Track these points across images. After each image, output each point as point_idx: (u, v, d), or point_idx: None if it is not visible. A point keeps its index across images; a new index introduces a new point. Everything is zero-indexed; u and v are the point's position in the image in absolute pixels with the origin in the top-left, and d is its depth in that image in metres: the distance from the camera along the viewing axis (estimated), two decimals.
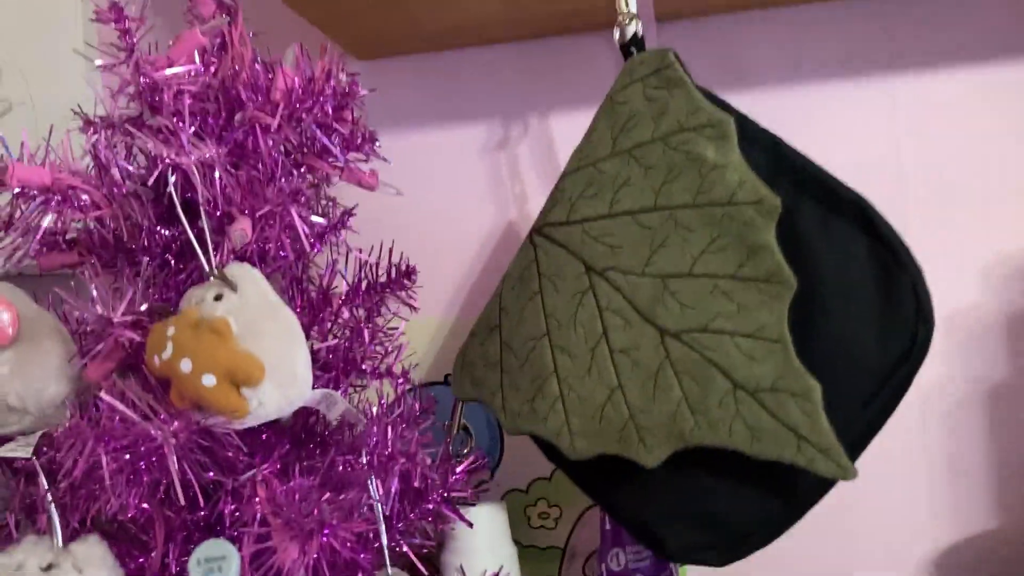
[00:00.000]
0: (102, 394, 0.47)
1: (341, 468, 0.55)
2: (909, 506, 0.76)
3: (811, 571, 0.77)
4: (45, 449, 0.52)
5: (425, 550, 0.64)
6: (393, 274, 0.65)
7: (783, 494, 0.54)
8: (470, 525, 0.65)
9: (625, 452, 0.55)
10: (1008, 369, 0.75)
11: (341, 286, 0.65)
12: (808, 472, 0.52)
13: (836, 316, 0.52)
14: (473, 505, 0.67)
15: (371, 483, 0.53)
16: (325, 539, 0.48)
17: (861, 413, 0.52)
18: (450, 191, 0.83)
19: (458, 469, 0.64)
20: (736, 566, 0.71)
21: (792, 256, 0.52)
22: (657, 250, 0.55)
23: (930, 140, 0.77)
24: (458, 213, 0.83)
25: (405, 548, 0.60)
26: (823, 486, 0.54)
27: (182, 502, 0.48)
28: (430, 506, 0.63)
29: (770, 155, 0.55)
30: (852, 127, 0.77)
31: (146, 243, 0.57)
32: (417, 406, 0.65)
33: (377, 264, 0.65)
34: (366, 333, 0.60)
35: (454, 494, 0.64)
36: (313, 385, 0.53)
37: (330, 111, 0.59)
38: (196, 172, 0.54)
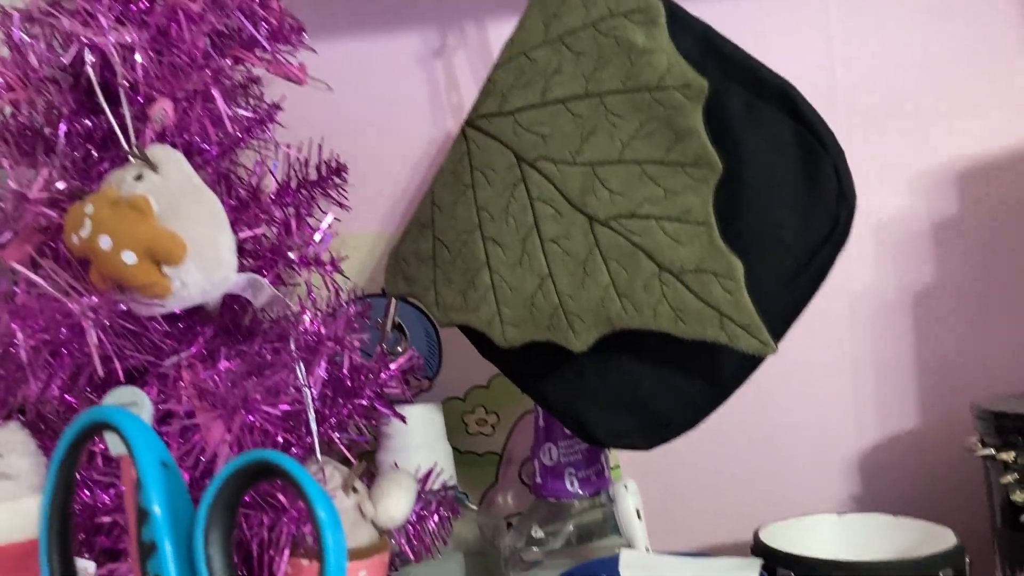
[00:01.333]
0: (16, 265, 0.46)
1: (269, 357, 0.55)
2: (835, 405, 0.78)
3: (737, 471, 0.79)
4: None
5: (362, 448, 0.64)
6: (323, 171, 0.65)
7: (707, 378, 0.55)
8: (403, 420, 0.66)
9: (555, 338, 0.55)
10: (934, 275, 0.77)
11: (270, 184, 0.64)
12: (731, 357, 0.54)
13: (760, 199, 0.53)
14: (408, 403, 0.67)
15: (298, 367, 0.53)
16: (251, 418, 0.48)
17: (785, 293, 0.53)
18: (384, 100, 0.82)
19: (392, 366, 0.64)
20: (664, 465, 0.73)
21: (718, 141, 0.53)
22: (587, 138, 0.55)
23: (863, 56, 0.78)
24: (393, 123, 0.82)
25: (338, 442, 0.61)
26: (745, 369, 0.55)
27: (100, 379, 0.47)
28: (364, 402, 0.63)
29: (699, 41, 0.55)
30: (787, 41, 0.78)
31: (65, 130, 0.55)
32: (352, 309, 0.65)
33: (307, 161, 0.64)
34: (294, 224, 0.60)
35: (388, 391, 0.64)
36: (239, 271, 0.52)
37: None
38: (115, 53, 0.52)
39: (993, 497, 0.64)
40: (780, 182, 0.53)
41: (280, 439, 0.54)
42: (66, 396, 0.52)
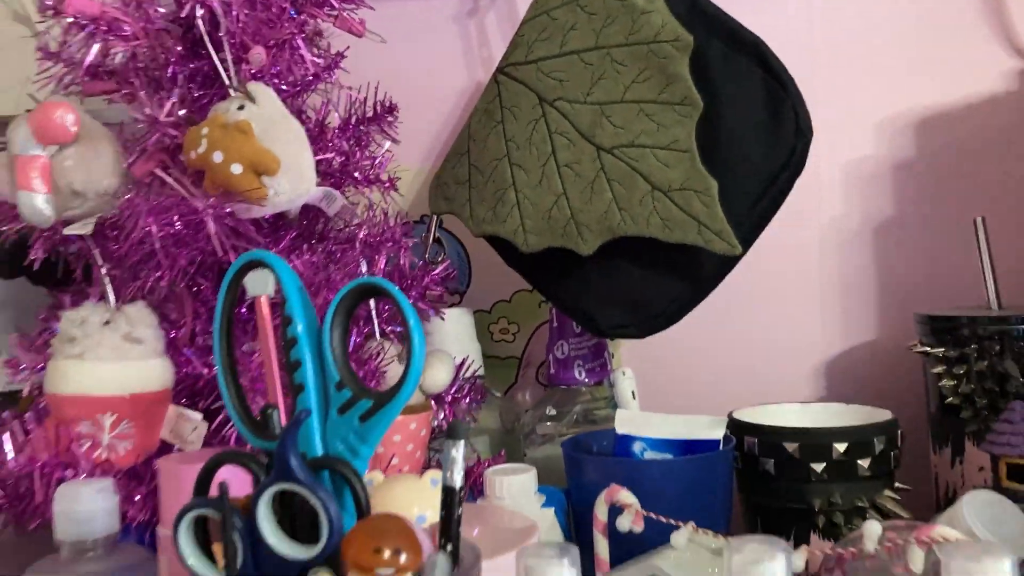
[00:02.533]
0: (156, 170, 0.60)
1: (339, 255, 0.68)
2: (805, 315, 0.91)
3: (719, 365, 0.92)
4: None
5: None
6: (378, 110, 0.78)
7: (689, 279, 0.69)
8: (442, 318, 0.79)
9: (567, 244, 0.69)
10: (894, 208, 0.89)
11: (334, 120, 0.77)
12: (709, 260, 0.67)
13: (733, 132, 0.66)
14: (446, 305, 0.81)
15: (363, 262, 0.66)
16: (330, 296, 0.62)
17: (752, 209, 0.66)
18: (427, 53, 0.95)
19: (433, 272, 0.78)
20: (659, 355, 0.86)
21: (701, 85, 0.65)
22: (596, 82, 0.68)
23: (839, 18, 0.90)
24: (433, 74, 0.95)
25: (390, 332, 0.74)
26: (720, 271, 0.68)
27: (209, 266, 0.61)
28: (410, 300, 0.76)
29: (688, 3, 0.68)
30: (774, 2, 0.90)
31: (176, 71, 0.68)
32: (399, 230, 0.78)
33: (364, 100, 0.77)
34: (357, 153, 0.73)
35: (429, 292, 0.77)
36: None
37: None
38: (220, 9, 0.65)
39: (928, 387, 0.77)
40: (749, 119, 0.66)
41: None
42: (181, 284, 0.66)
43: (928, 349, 0.75)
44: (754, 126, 0.66)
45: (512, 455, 0.84)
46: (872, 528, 0.51)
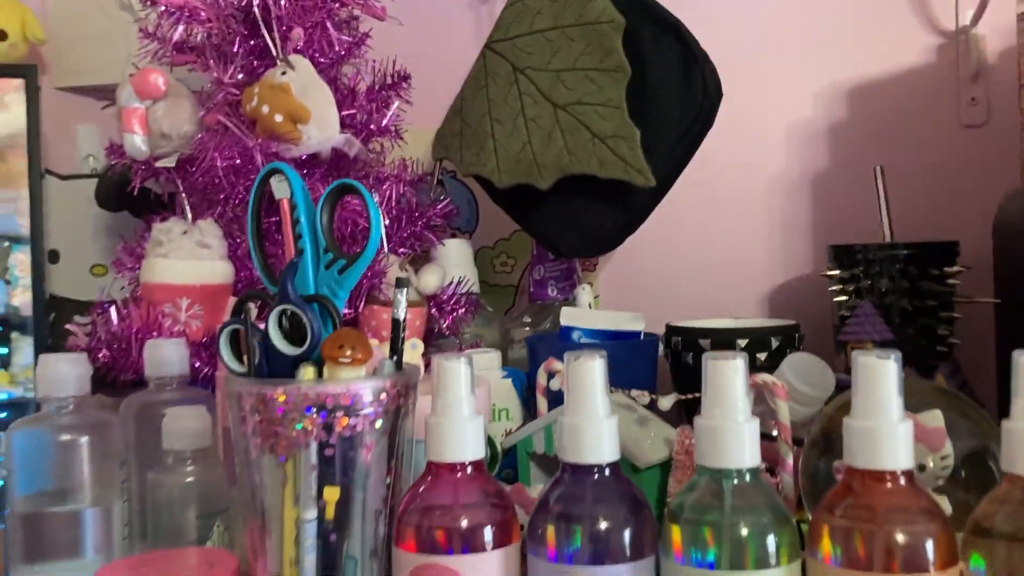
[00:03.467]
0: (222, 118, 0.82)
1: None
2: (751, 252, 1.09)
3: (672, 284, 1.10)
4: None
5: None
6: (395, 78, 0.98)
7: (625, 209, 0.88)
8: (443, 244, 1.00)
9: (530, 180, 0.89)
10: (829, 161, 1.06)
11: (363, 86, 0.98)
12: (639, 194, 0.86)
13: (656, 93, 0.85)
14: (447, 235, 1.02)
15: (373, 192, 0.87)
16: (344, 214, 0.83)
17: (671, 153, 0.85)
18: (440, 33, 1.15)
19: (436, 208, 0.98)
20: (626, 287, 1.05)
21: (633, 56, 0.84)
22: (555, 54, 0.87)
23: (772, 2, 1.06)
24: (446, 50, 1.15)
25: (400, 252, 0.95)
26: (648, 204, 0.87)
27: None
28: (417, 229, 0.97)
29: None
30: None
31: (239, 47, 0.90)
32: (399, 169, 0.98)
33: (384, 71, 0.98)
34: (374, 111, 0.94)
35: (433, 223, 0.98)
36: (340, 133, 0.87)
37: None
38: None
39: (831, 306, 0.94)
40: (668, 82, 0.84)
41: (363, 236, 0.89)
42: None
43: (828, 272, 0.92)
44: (672, 88, 0.84)
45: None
46: None
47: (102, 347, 0.84)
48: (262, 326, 0.59)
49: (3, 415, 0.97)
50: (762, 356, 0.86)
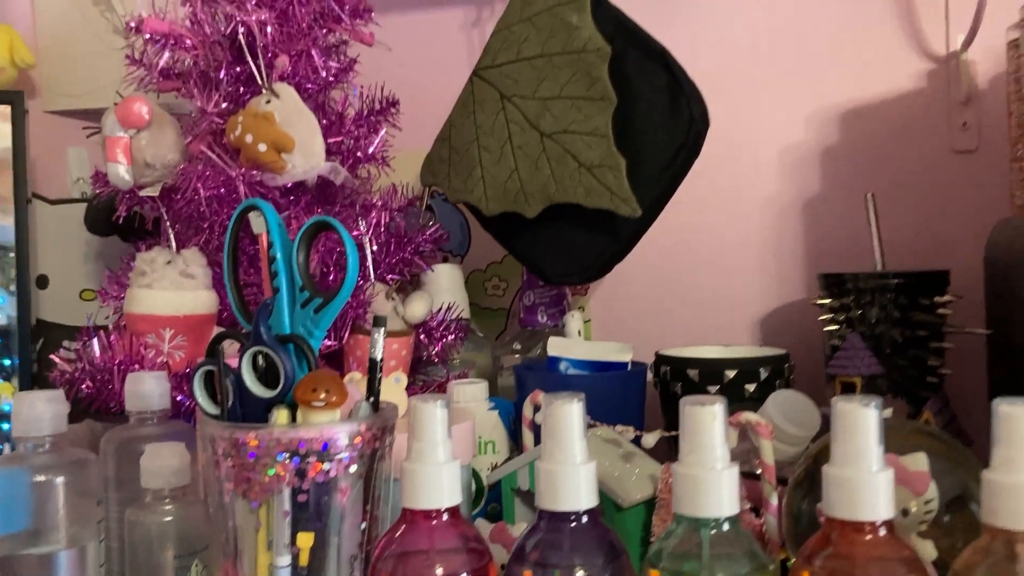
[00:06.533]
0: (204, 148, 0.81)
1: (345, 214, 0.89)
2: (742, 275, 1.08)
3: (664, 310, 1.10)
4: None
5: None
6: (384, 104, 0.98)
7: (613, 237, 0.87)
8: (431, 270, 0.99)
9: (517, 208, 0.88)
10: (820, 186, 1.05)
11: (352, 111, 0.97)
12: (626, 224, 0.85)
13: (642, 121, 0.84)
14: (438, 262, 1.01)
15: (361, 221, 0.87)
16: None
17: (657, 181, 0.84)
18: (433, 58, 1.15)
19: (425, 234, 0.97)
20: (616, 313, 1.04)
21: (619, 84, 0.83)
22: (541, 82, 0.87)
23: (779, 25, 1.06)
24: (437, 75, 1.14)
25: (389, 279, 0.94)
26: (636, 233, 0.86)
27: None
28: (406, 255, 0.96)
29: (613, 20, 0.86)
30: (725, 12, 1.07)
31: (225, 74, 0.90)
32: (387, 197, 0.97)
33: (373, 97, 0.97)
34: (363, 137, 0.93)
35: (422, 249, 0.97)
36: (326, 161, 0.86)
37: None
38: (256, 26, 0.86)
39: (822, 335, 0.93)
40: (655, 111, 0.84)
41: None
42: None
43: (819, 301, 0.91)
44: (659, 117, 0.83)
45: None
46: None
47: (85, 378, 0.83)
48: (236, 366, 0.58)
49: (5, 426, 0.97)
50: (751, 387, 0.85)
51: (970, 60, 0.99)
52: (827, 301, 0.90)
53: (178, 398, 0.82)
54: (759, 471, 0.65)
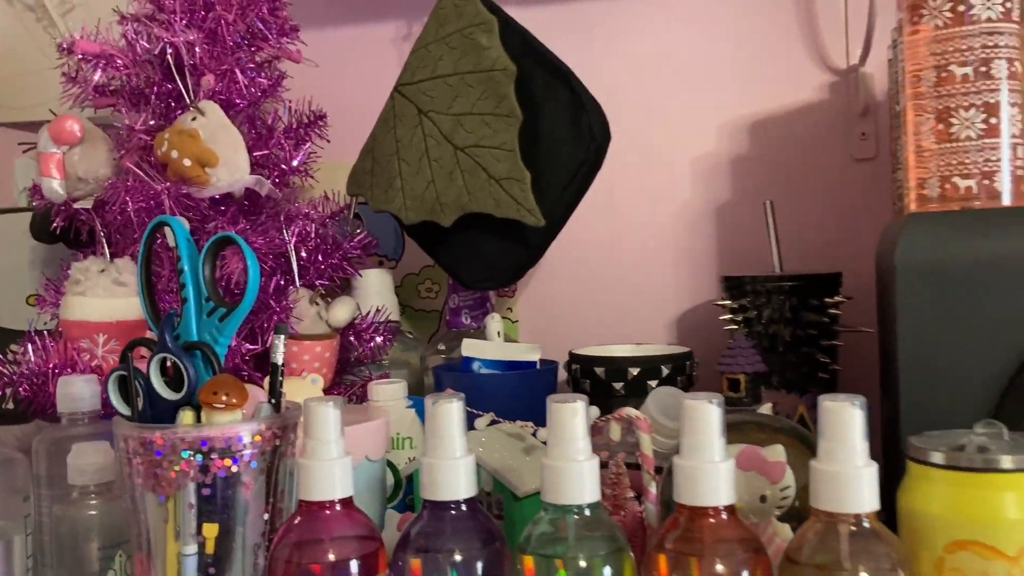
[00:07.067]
0: (129, 164, 0.86)
1: (270, 223, 0.93)
2: (660, 282, 1.14)
3: (579, 312, 1.16)
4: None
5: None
6: (312, 118, 1.02)
7: (523, 245, 0.92)
8: (359, 275, 1.04)
9: (434, 218, 0.93)
10: (731, 193, 1.11)
11: (280, 125, 1.02)
12: (533, 233, 0.90)
13: (547, 137, 0.89)
14: (364, 266, 1.06)
15: (285, 230, 0.91)
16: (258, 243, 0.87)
17: (562, 193, 0.89)
18: (364, 74, 1.20)
19: (353, 241, 1.02)
20: (541, 313, 1.10)
21: (526, 102, 0.88)
22: (455, 99, 0.92)
23: (688, 42, 1.11)
24: (369, 89, 1.19)
25: (319, 284, 0.99)
26: (544, 241, 0.92)
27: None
28: (335, 262, 1.01)
29: (521, 41, 0.91)
30: (642, 31, 1.12)
31: (155, 92, 0.94)
32: (310, 208, 1.02)
33: (301, 111, 1.02)
34: (291, 150, 0.98)
35: (351, 255, 1.02)
36: (251, 174, 0.91)
37: (266, 11, 0.95)
38: (183, 47, 0.91)
39: (723, 331, 0.99)
40: (558, 127, 0.89)
41: (277, 272, 0.93)
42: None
43: (720, 302, 0.97)
44: (562, 133, 0.89)
45: None
46: (591, 412, 0.74)
47: (23, 381, 0.88)
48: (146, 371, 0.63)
49: None
50: (654, 384, 0.90)
51: (868, 73, 1.05)
52: (727, 302, 0.96)
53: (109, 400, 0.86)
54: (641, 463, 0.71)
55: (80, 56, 0.91)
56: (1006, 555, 0.52)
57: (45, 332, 0.94)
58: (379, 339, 1.03)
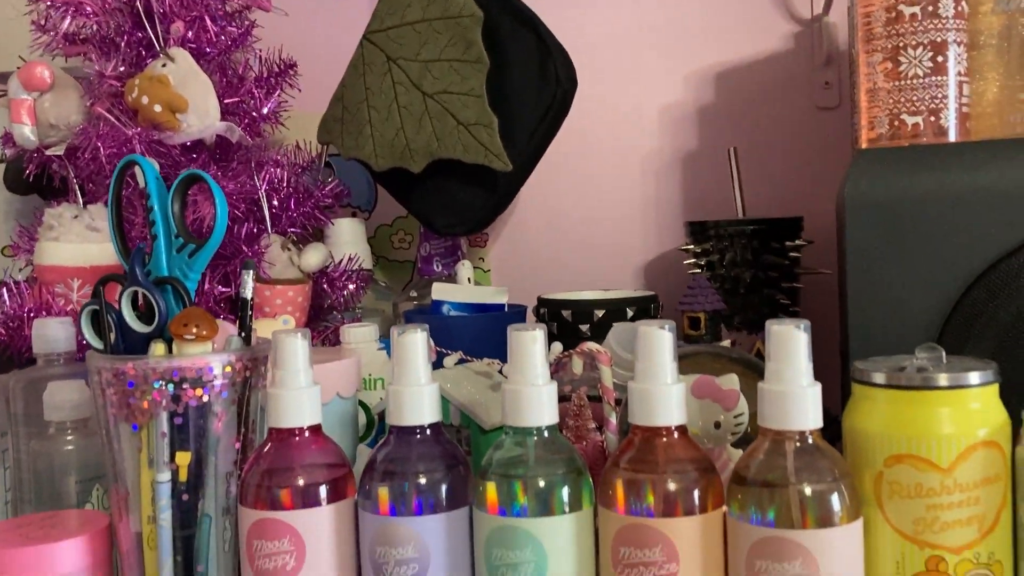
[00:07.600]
0: (101, 109, 0.87)
1: (241, 170, 0.95)
2: (629, 229, 1.16)
3: (549, 256, 1.18)
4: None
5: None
6: (282, 66, 1.03)
7: (491, 191, 0.94)
8: (331, 223, 1.05)
9: (404, 164, 0.94)
10: (697, 142, 1.13)
11: (251, 74, 1.03)
12: (503, 178, 0.92)
13: (514, 83, 0.91)
14: (336, 215, 1.07)
15: (256, 176, 0.93)
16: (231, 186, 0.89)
17: (530, 139, 0.91)
18: (333, 22, 1.20)
19: (325, 189, 1.04)
20: (512, 260, 1.12)
21: (493, 49, 0.90)
22: (423, 45, 0.93)
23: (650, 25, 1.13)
24: (338, 38, 1.19)
25: (291, 232, 1.00)
26: (512, 187, 0.93)
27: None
28: (307, 210, 1.02)
29: None
30: (598, 11, 1.14)
31: (125, 39, 0.95)
32: (278, 154, 1.03)
33: (270, 59, 1.03)
34: (262, 98, 0.99)
35: (323, 203, 1.03)
36: (221, 120, 0.92)
37: None
38: None
39: (688, 276, 1.02)
40: (525, 73, 0.90)
41: (249, 219, 0.94)
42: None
43: (685, 247, 0.99)
44: (528, 79, 0.90)
45: None
46: (555, 347, 0.76)
47: None
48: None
49: None
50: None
51: (832, 22, 1.06)
52: (691, 247, 0.98)
53: (83, 342, 0.88)
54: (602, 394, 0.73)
55: (49, 3, 0.91)
56: (940, 467, 0.55)
57: (21, 280, 0.95)
58: (352, 286, 1.05)
